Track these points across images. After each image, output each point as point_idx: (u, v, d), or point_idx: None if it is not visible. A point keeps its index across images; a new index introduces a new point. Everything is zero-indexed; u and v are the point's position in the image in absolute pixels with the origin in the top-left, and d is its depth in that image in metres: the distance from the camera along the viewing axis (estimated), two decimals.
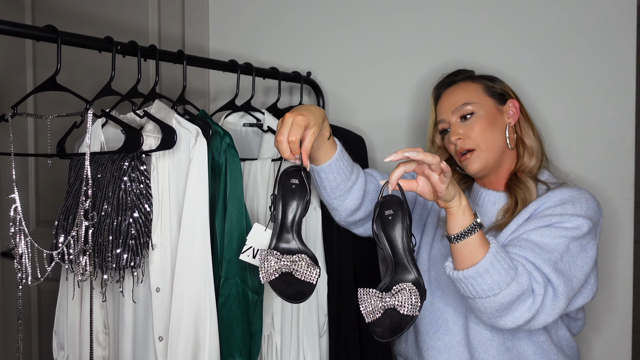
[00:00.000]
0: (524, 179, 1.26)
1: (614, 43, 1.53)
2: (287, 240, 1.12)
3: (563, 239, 1.14)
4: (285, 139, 1.04)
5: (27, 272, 1.12)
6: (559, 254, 1.12)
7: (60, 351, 1.34)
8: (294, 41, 1.84)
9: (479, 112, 1.27)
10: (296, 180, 1.12)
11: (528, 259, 1.11)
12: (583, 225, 1.15)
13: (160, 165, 1.19)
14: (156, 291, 1.18)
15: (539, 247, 1.12)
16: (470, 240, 1.06)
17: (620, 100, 1.53)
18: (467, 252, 1.06)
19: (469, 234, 1.06)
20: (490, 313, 1.09)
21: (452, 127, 1.28)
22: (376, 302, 1.03)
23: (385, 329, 1.02)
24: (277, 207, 1.12)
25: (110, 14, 2.04)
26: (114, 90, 1.19)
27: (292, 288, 1.07)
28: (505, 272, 1.05)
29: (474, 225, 1.06)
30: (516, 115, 1.30)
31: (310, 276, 1.07)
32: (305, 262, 1.08)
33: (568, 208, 1.18)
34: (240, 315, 1.25)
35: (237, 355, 1.24)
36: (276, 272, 1.08)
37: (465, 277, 1.06)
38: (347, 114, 1.79)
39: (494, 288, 1.05)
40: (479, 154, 1.25)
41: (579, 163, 1.57)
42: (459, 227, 1.06)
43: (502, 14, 1.63)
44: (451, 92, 1.32)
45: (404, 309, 1.02)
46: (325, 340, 1.46)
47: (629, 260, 1.55)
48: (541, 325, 1.11)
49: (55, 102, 1.89)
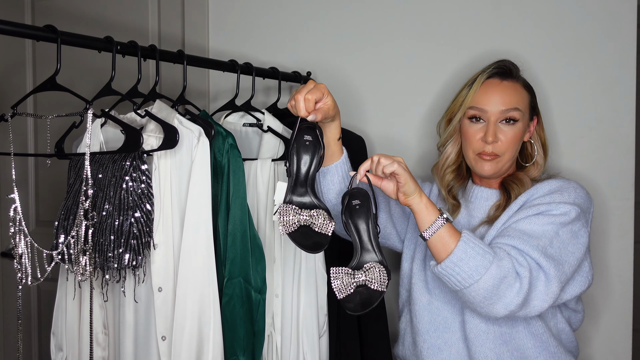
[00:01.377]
0: (521, 176, 1.27)
1: (614, 43, 1.53)
2: (301, 194, 1.16)
3: (552, 225, 1.15)
4: (303, 97, 1.12)
5: (27, 272, 1.12)
6: (548, 240, 1.14)
7: (58, 352, 1.33)
8: (294, 41, 1.84)
9: (520, 122, 1.25)
10: (310, 137, 1.17)
11: (514, 246, 1.13)
12: (571, 212, 1.16)
13: (162, 165, 1.19)
14: (158, 291, 1.18)
15: (526, 235, 1.14)
16: (439, 233, 1.12)
17: (620, 100, 1.53)
18: (440, 245, 1.12)
19: (436, 228, 1.12)
20: (480, 302, 1.11)
21: (492, 125, 1.23)
22: (348, 279, 1.10)
23: (357, 304, 1.10)
24: (292, 161, 1.16)
25: (110, 14, 2.04)
26: (114, 90, 1.19)
27: (310, 239, 1.13)
28: (481, 257, 1.08)
29: (440, 219, 1.12)
30: (532, 132, 1.31)
31: (327, 228, 1.13)
32: (323, 216, 1.13)
33: (556, 197, 1.19)
34: (243, 315, 1.25)
35: (240, 354, 1.24)
36: (296, 224, 1.12)
37: (444, 269, 1.11)
38: (347, 114, 1.79)
39: (473, 275, 1.08)
40: (500, 161, 1.25)
41: (579, 163, 1.57)
42: (426, 223, 1.13)
43: (501, 14, 1.63)
44: (507, 88, 1.26)
45: (373, 284, 1.11)
46: (325, 340, 1.46)
47: (629, 260, 1.55)
48: (538, 311, 1.12)
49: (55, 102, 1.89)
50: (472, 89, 1.27)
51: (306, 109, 1.13)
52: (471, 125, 1.27)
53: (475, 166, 1.28)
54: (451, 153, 1.35)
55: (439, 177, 1.37)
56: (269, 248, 1.41)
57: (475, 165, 1.27)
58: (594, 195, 1.51)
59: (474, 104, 1.26)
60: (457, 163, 1.36)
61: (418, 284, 1.32)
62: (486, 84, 1.27)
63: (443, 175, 1.36)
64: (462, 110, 1.28)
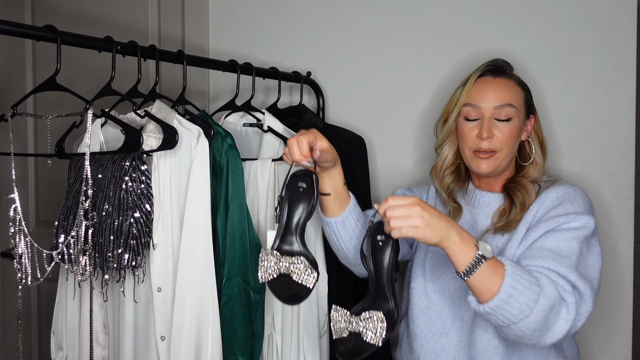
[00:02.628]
0: (524, 183, 1.26)
1: (614, 43, 1.53)
2: (290, 242, 1.12)
3: (575, 240, 1.13)
4: (295, 141, 1.09)
5: (27, 272, 1.12)
6: (576, 257, 1.11)
7: (58, 352, 1.34)
8: (294, 41, 1.84)
9: (515, 119, 1.23)
10: (304, 184, 1.13)
11: (551, 269, 1.08)
12: (590, 223, 1.15)
13: (161, 165, 1.19)
14: (157, 291, 1.19)
15: (556, 254, 1.10)
16: (480, 272, 1.02)
17: (620, 100, 1.53)
18: (482, 284, 1.03)
19: (475, 267, 1.02)
20: (529, 335, 1.05)
21: (487, 122, 1.23)
22: (345, 324, 1.05)
23: (347, 350, 1.04)
24: (283, 208, 1.12)
25: (110, 14, 2.04)
26: (114, 90, 1.19)
27: (289, 290, 1.07)
28: (529, 290, 1.02)
29: (478, 259, 1.02)
30: (529, 131, 1.30)
31: (307, 279, 1.07)
32: (304, 265, 1.08)
33: (568, 207, 1.18)
34: (242, 315, 1.25)
35: (239, 354, 1.24)
36: (274, 272, 1.08)
37: (492, 309, 1.03)
38: (347, 114, 1.79)
39: (523, 310, 1.01)
40: (497, 158, 1.23)
41: (579, 163, 1.57)
42: (463, 264, 1.03)
43: (502, 13, 1.63)
44: (500, 85, 1.25)
45: (366, 336, 1.03)
46: (326, 340, 1.46)
47: (629, 260, 1.55)
48: (574, 332, 1.09)
49: (55, 102, 1.89)
50: (465, 87, 1.27)
51: (300, 152, 1.09)
52: (466, 124, 1.26)
53: (472, 164, 1.26)
54: (448, 154, 1.34)
55: (438, 179, 1.35)
56: None
57: (472, 163, 1.26)
58: (594, 195, 1.51)
59: (468, 101, 1.25)
60: (455, 164, 1.34)
61: (417, 289, 1.31)
62: (479, 82, 1.26)
63: (442, 177, 1.34)
64: (457, 109, 1.27)
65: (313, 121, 1.64)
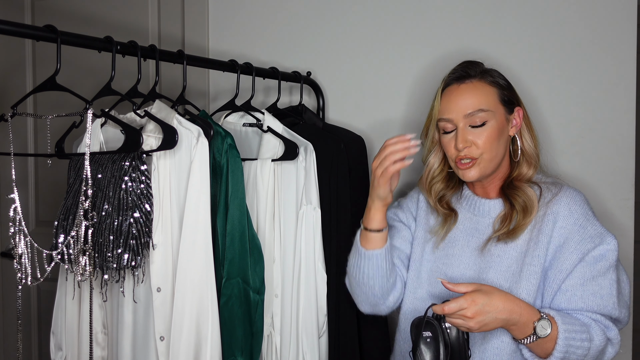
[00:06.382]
0: (522, 187, 1.23)
1: (614, 43, 1.53)
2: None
3: (610, 270, 1.17)
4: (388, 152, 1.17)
5: (26, 272, 1.12)
6: (616, 292, 1.16)
7: (58, 352, 1.34)
8: (294, 41, 1.84)
9: (491, 121, 1.20)
10: (429, 333, 1.12)
11: (597, 312, 1.15)
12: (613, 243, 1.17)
13: (161, 165, 1.19)
14: (157, 291, 1.18)
15: (599, 296, 1.15)
16: (535, 342, 1.12)
17: (620, 100, 1.53)
18: (538, 348, 1.13)
19: (531, 339, 1.12)
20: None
21: (461, 132, 1.20)
22: None
23: None
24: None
25: (110, 14, 2.04)
26: (114, 90, 1.19)
27: None
28: (581, 342, 1.12)
29: (533, 334, 1.11)
30: (519, 125, 1.25)
31: None
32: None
33: (589, 229, 1.18)
34: (241, 315, 1.25)
35: (238, 355, 1.24)
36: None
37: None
38: (347, 114, 1.79)
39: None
40: (480, 163, 1.20)
41: (579, 163, 1.57)
42: (521, 336, 1.13)
43: (502, 13, 1.63)
44: (464, 91, 1.21)
45: None
46: (325, 340, 1.46)
47: (629, 260, 1.55)
48: None
49: (55, 102, 1.89)
50: (435, 100, 1.26)
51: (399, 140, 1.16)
52: (445, 136, 1.24)
53: (458, 174, 1.24)
54: (434, 163, 1.31)
55: (425, 190, 1.33)
56: (269, 248, 1.41)
57: (458, 173, 1.24)
58: (594, 195, 1.51)
59: (441, 116, 1.23)
60: (444, 171, 1.31)
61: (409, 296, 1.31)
62: (446, 93, 1.24)
63: (430, 187, 1.32)
64: (434, 123, 1.27)
65: (313, 121, 1.64)
